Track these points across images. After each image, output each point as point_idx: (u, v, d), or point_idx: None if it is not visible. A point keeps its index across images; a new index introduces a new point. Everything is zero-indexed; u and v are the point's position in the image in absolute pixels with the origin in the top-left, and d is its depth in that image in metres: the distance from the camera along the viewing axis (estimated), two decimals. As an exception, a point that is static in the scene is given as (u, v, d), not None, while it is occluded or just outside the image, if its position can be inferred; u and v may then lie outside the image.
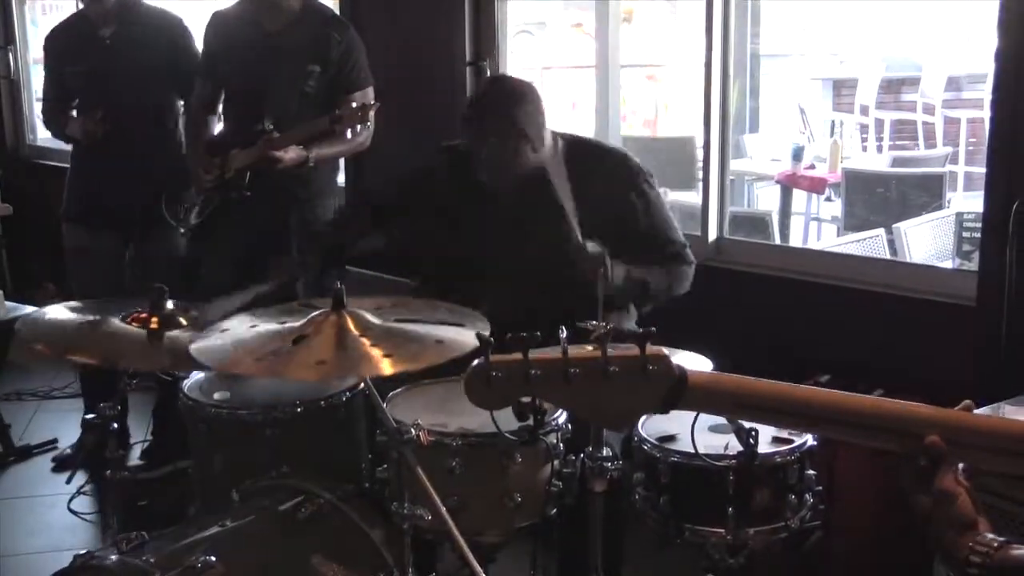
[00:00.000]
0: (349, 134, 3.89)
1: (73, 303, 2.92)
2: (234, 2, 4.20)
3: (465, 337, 2.22)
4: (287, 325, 2.32)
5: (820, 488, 2.72)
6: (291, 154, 3.82)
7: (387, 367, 2.15)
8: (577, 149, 3.23)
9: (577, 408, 1.37)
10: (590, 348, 1.34)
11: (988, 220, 3.43)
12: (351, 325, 2.25)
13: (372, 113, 3.76)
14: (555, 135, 3.22)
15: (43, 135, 6.55)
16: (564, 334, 1.95)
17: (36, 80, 6.68)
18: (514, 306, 2.73)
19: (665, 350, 1.36)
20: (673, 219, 3.28)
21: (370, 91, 4.04)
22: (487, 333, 1.35)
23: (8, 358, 4.73)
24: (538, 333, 1.32)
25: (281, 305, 2.59)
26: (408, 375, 2.58)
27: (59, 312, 2.83)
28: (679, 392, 1.36)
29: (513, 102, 3.09)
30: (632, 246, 3.10)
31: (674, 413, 2.69)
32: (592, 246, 2.95)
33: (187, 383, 3.01)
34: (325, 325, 2.25)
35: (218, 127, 4.29)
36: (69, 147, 4.63)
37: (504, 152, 3.08)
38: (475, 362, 1.31)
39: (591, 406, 1.35)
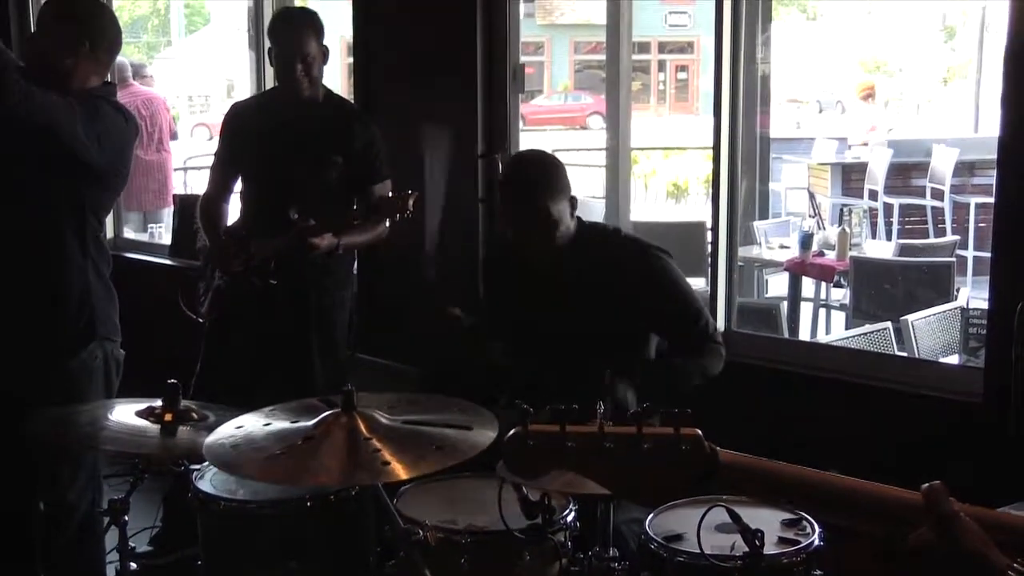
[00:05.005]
0: (388, 222, 3.93)
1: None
2: (253, 93, 4.29)
3: (469, 441, 2.24)
4: (298, 425, 2.35)
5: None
6: (325, 242, 3.87)
7: (387, 475, 2.17)
8: (588, 233, 3.36)
9: (609, 482, 1.39)
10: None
11: (993, 317, 3.46)
12: (361, 427, 2.28)
13: (411, 203, 3.77)
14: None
15: None
16: (602, 409, 1.99)
17: None
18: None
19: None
20: (694, 293, 3.39)
21: (388, 184, 4.11)
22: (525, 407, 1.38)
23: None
24: (576, 406, 1.36)
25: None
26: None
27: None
28: (711, 471, 1.39)
29: (536, 184, 3.22)
30: (657, 323, 3.27)
31: (681, 512, 2.75)
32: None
33: (197, 473, 3.03)
34: (335, 427, 2.28)
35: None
36: None
37: (536, 230, 3.22)
38: (512, 431, 1.34)
39: (624, 481, 1.38)
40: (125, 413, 2.79)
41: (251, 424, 2.40)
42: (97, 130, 3.31)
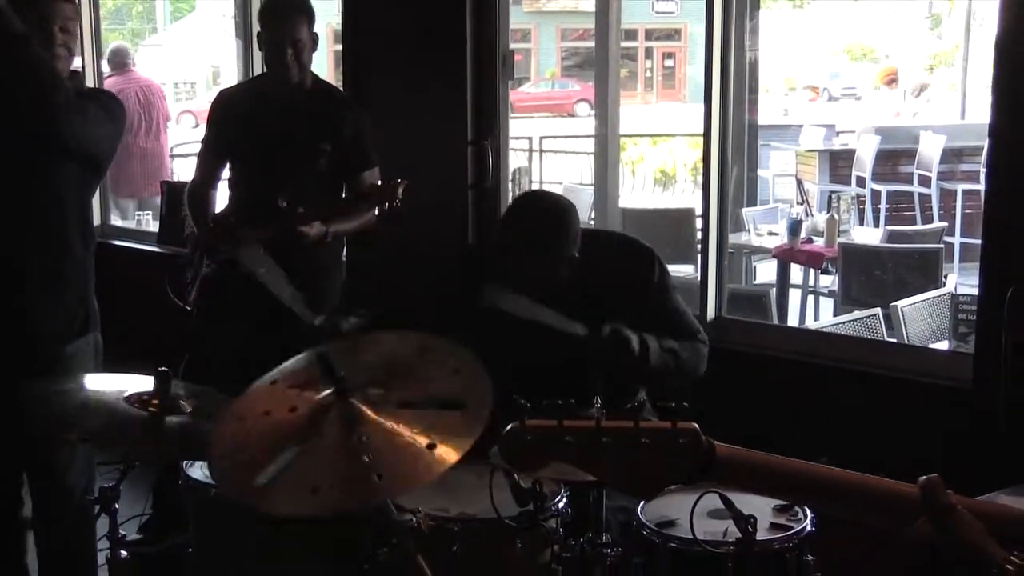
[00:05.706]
0: (376, 211, 3.91)
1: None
2: (241, 80, 4.27)
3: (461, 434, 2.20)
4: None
5: (819, 575, 2.73)
6: (315, 230, 3.86)
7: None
8: (587, 241, 3.23)
9: (607, 476, 1.40)
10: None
11: (983, 303, 3.47)
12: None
13: (401, 191, 3.74)
14: None
15: None
16: (598, 403, 1.96)
17: None
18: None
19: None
20: (681, 300, 3.33)
21: (377, 171, 4.10)
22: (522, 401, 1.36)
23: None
24: (573, 401, 1.36)
25: None
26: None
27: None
28: (707, 465, 1.39)
29: (554, 228, 3.07)
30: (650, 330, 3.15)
31: (674, 498, 2.75)
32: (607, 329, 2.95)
33: (188, 462, 3.03)
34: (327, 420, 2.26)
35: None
36: None
37: (543, 276, 3.07)
38: (510, 426, 1.34)
39: (621, 474, 1.39)
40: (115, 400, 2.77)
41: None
42: (108, 125, 3.30)
